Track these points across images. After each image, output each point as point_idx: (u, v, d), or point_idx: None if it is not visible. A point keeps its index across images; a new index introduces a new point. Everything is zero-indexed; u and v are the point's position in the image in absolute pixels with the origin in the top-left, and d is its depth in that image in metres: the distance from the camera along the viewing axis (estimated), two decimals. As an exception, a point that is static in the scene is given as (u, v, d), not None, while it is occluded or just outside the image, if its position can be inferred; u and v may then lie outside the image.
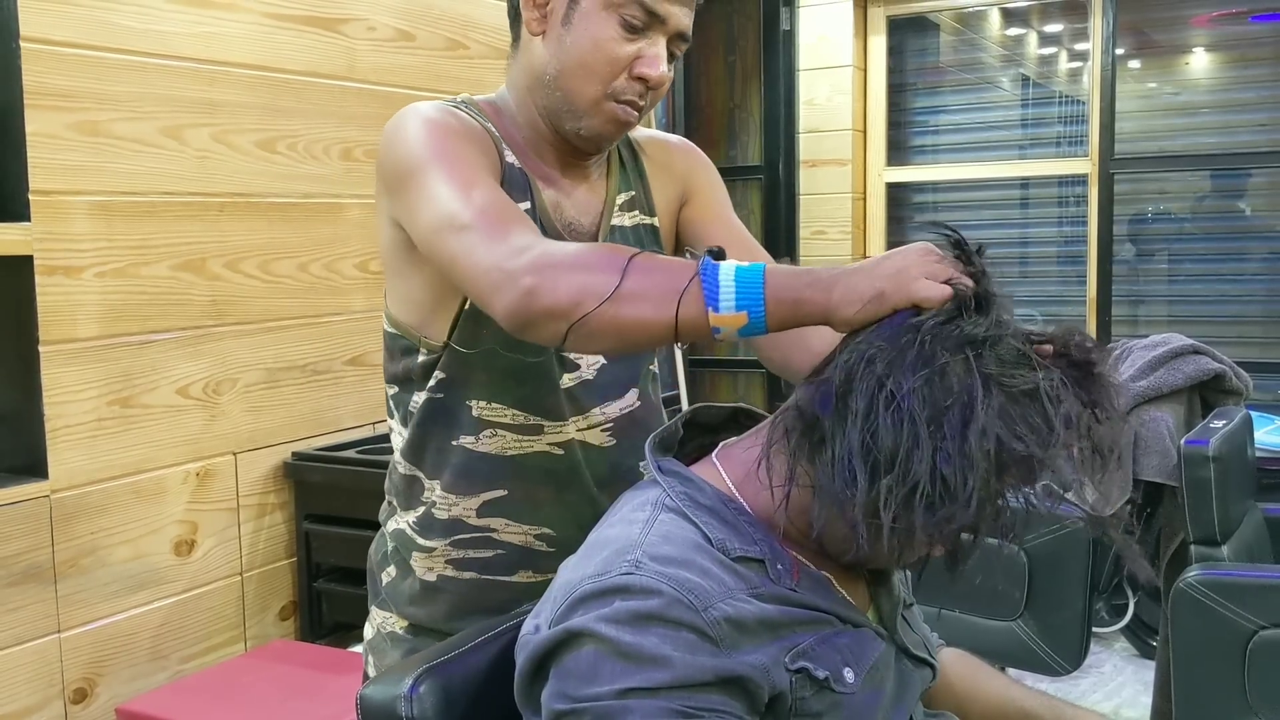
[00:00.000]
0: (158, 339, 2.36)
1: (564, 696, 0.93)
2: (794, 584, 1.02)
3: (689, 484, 1.07)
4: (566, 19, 1.28)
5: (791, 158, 4.75)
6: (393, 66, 2.87)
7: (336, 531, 2.62)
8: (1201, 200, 4.56)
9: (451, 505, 1.34)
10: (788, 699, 0.97)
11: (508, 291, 1.10)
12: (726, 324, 1.04)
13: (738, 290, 1.04)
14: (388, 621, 1.43)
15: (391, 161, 1.27)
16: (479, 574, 1.36)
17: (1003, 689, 1.28)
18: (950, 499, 0.92)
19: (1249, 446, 2.77)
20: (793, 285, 1.03)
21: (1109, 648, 3.71)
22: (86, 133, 2.22)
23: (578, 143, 1.33)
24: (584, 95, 1.28)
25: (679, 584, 0.95)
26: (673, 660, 0.92)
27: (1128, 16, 4.46)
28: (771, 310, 1.04)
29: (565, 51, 1.28)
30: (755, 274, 1.04)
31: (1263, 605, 2.19)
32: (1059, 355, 0.98)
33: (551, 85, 1.30)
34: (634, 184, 1.44)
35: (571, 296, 1.07)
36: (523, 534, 1.35)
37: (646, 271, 1.07)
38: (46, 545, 2.17)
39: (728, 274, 1.04)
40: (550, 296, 1.08)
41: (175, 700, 2.27)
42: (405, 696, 1.01)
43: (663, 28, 1.27)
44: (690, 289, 1.05)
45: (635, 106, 1.29)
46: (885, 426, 0.94)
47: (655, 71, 1.27)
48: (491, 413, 1.33)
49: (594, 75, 1.27)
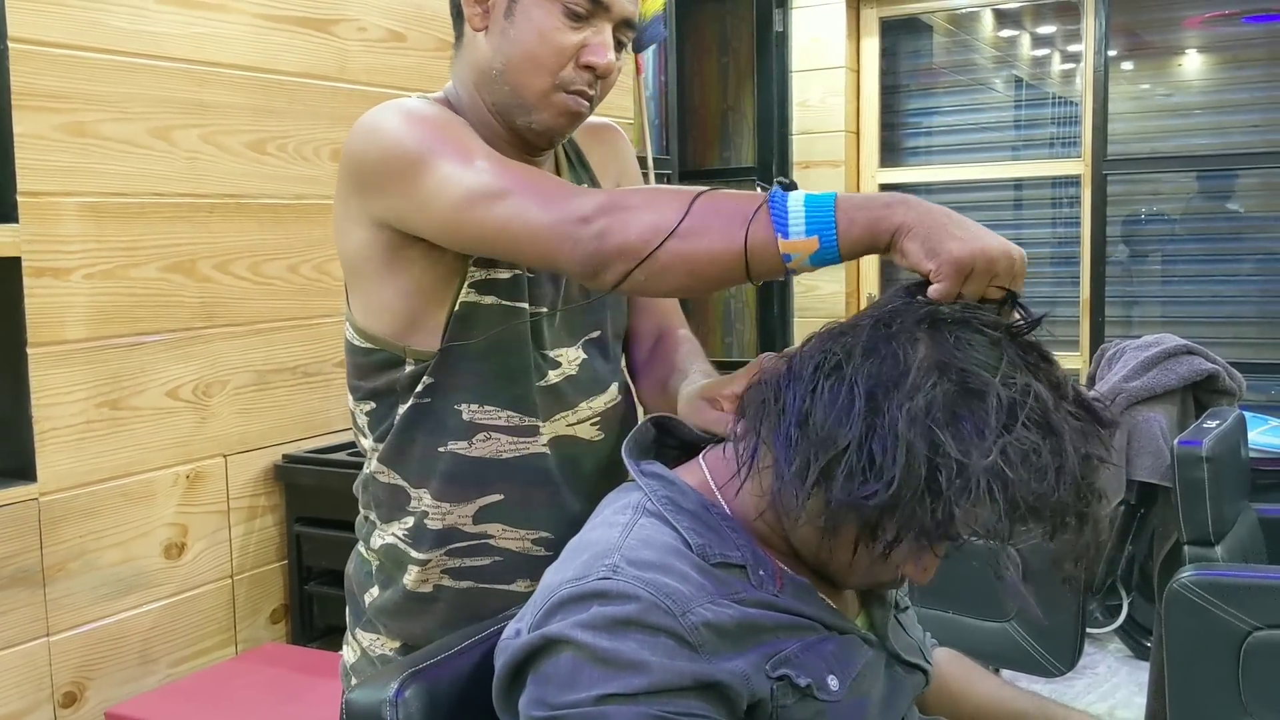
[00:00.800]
0: (147, 341, 2.35)
1: (542, 704, 0.93)
2: (777, 590, 1.01)
3: (671, 487, 1.06)
4: (509, 12, 1.26)
5: (785, 159, 4.75)
6: (384, 67, 2.86)
7: (328, 534, 2.61)
8: (1194, 201, 4.56)
9: (445, 514, 1.31)
10: (768, 706, 0.96)
11: (580, 239, 1.10)
12: (798, 249, 1.02)
13: (808, 215, 1.01)
14: (376, 644, 1.40)
15: (377, 157, 1.24)
16: (476, 582, 1.33)
17: (994, 690, 1.28)
18: (873, 476, 0.89)
19: (1242, 447, 2.76)
20: (869, 207, 1.01)
21: (1103, 649, 3.71)
22: (75, 134, 2.21)
23: (530, 137, 1.31)
24: (532, 88, 1.26)
25: (656, 589, 0.94)
26: (650, 665, 0.91)
27: (1120, 18, 4.47)
28: (844, 232, 1.00)
29: (510, 45, 1.26)
30: (827, 199, 1.01)
31: (1257, 606, 2.19)
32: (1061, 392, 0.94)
33: (499, 80, 1.28)
34: (582, 176, 1.44)
35: (641, 234, 1.07)
36: (520, 538, 1.33)
37: (714, 204, 1.06)
38: (35, 548, 2.15)
39: (797, 200, 1.02)
40: (621, 235, 1.08)
41: (166, 704, 2.26)
42: (390, 701, 1.00)
43: (607, 15, 1.26)
44: (759, 216, 1.03)
45: (585, 96, 1.28)
46: (823, 392, 0.93)
47: (602, 59, 1.25)
48: (484, 415, 1.30)
49: (540, 67, 1.25)
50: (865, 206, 1.01)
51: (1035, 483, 0.88)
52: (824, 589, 1.06)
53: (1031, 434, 0.89)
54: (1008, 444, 0.88)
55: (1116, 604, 3.58)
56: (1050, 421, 0.90)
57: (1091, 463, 0.92)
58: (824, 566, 1.05)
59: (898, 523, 0.90)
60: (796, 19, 4.69)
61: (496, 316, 1.28)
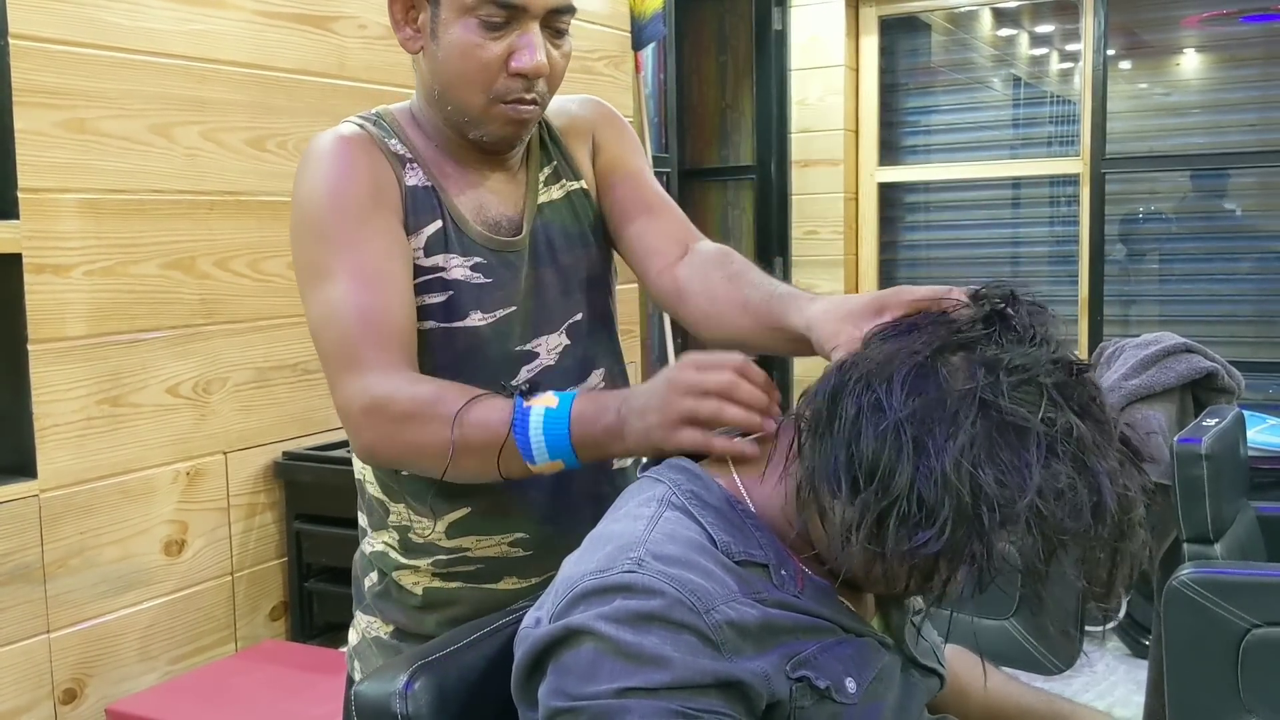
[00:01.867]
0: (147, 338, 2.35)
1: (562, 694, 0.92)
2: (798, 591, 1.01)
3: (696, 481, 1.05)
4: (434, 34, 1.27)
5: (783, 158, 4.76)
6: (383, 65, 2.86)
7: (327, 531, 2.61)
8: (1192, 200, 4.57)
9: (425, 529, 1.34)
10: (786, 707, 0.96)
11: (354, 437, 1.22)
12: (546, 470, 1.16)
13: (548, 444, 1.13)
14: (372, 626, 1.42)
15: (296, 209, 1.30)
16: (465, 583, 1.36)
17: (1001, 686, 1.27)
18: (927, 523, 0.87)
19: (1241, 445, 2.77)
20: (593, 433, 1.12)
21: (1102, 647, 3.71)
22: (75, 130, 2.21)
23: (487, 148, 1.33)
24: (470, 104, 1.28)
25: (681, 585, 0.93)
26: (673, 661, 0.90)
27: (1119, 17, 4.47)
28: (581, 455, 1.14)
29: (440, 66, 1.27)
30: (561, 424, 1.12)
31: (1255, 604, 2.19)
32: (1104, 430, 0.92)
33: (441, 100, 1.30)
34: (554, 154, 1.43)
35: (406, 457, 1.22)
36: (496, 544, 1.34)
37: (469, 428, 1.15)
38: (35, 545, 2.15)
39: (537, 427, 1.13)
40: (386, 454, 1.22)
41: (165, 701, 2.26)
42: (400, 693, 1.00)
43: (527, 14, 1.24)
44: (507, 447, 1.14)
45: (525, 102, 1.27)
46: (869, 436, 0.90)
47: (529, 63, 1.24)
48: None
49: (471, 83, 1.26)
50: (591, 434, 1.13)
51: (1070, 520, 0.88)
52: (843, 591, 1.05)
53: (1067, 469, 0.89)
54: (1044, 480, 0.88)
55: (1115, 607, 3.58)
56: (1087, 460, 0.90)
57: (1129, 500, 0.92)
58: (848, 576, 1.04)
59: (949, 563, 0.90)
60: (795, 17, 4.69)
61: (440, 339, 1.30)
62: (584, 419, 1.12)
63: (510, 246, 1.35)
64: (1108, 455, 0.91)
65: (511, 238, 1.35)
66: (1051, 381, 0.92)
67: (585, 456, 1.14)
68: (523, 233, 1.36)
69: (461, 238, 1.32)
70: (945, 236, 4.97)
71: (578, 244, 1.41)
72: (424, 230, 1.30)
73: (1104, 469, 0.90)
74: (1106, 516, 0.90)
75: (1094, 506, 0.89)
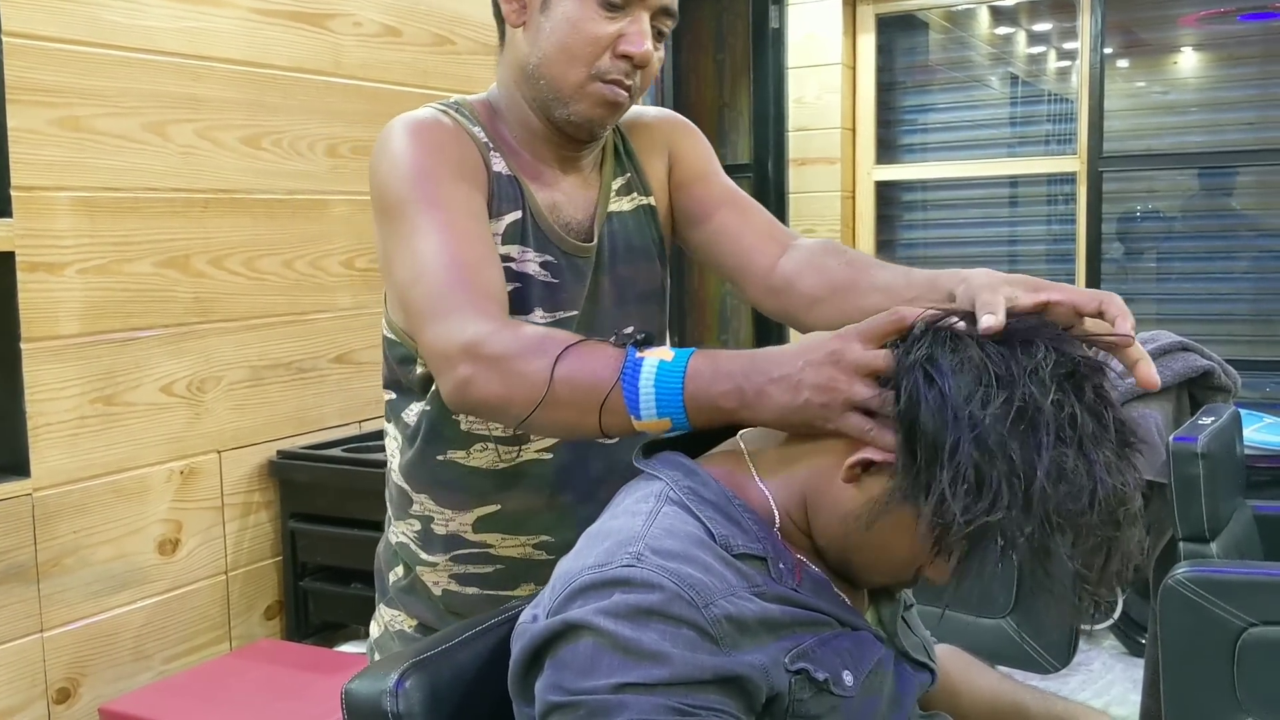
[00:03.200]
0: (141, 336, 2.34)
1: (559, 689, 0.92)
2: (796, 584, 1.01)
3: (693, 476, 1.05)
4: (544, 6, 1.27)
5: (781, 156, 4.75)
6: (379, 62, 2.85)
7: (322, 530, 2.60)
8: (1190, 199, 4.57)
9: (448, 520, 1.34)
10: (785, 700, 0.96)
11: (446, 378, 1.14)
12: (651, 428, 1.07)
13: (658, 399, 1.05)
14: (396, 619, 1.42)
15: (376, 187, 1.27)
16: (480, 589, 1.35)
17: (995, 683, 1.27)
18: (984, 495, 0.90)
19: (1238, 444, 2.76)
20: (710, 394, 1.04)
21: (1097, 645, 3.71)
22: (69, 128, 2.20)
23: (571, 131, 1.31)
24: (568, 79, 1.27)
25: (681, 579, 0.93)
26: (672, 657, 0.90)
27: (1116, 15, 4.46)
28: (693, 417, 1.05)
29: (546, 38, 1.27)
30: (675, 378, 1.04)
31: (1252, 602, 2.19)
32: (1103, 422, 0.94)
33: (535, 74, 1.29)
34: (627, 166, 1.43)
35: (502, 395, 1.10)
36: (520, 545, 1.34)
37: (573, 372, 1.08)
38: (29, 544, 2.15)
39: (648, 380, 1.05)
40: (483, 390, 1.11)
41: (159, 700, 2.25)
42: (391, 691, 0.99)
43: (643, 4, 1.26)
44: (612, 396, 1.06)
45: (623, 86, 1.28)
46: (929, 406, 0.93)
47: (639, 48, 1.25)
48: (481, 425, 1.31)
49: (576, 57, 1.26)
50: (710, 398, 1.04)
51: (1070, 503, 0.90)
52: (840, 585, 1.06)
53: (1072, 453, 0.91)
54: (1051, 462, 0.90)
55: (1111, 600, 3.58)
56: (1085, 448, 0.92)
57: (1124, 492, 0.93)
58: (847, 564, 1.05)
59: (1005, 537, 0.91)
60: (792, 15, 4.68)
61: None
62: (700, 377, 1.04)
63: (581, 251, 1.35)
64: (1104, 446, 0.93)
65: (583, 242, 1.36)
66: (1064, 371, 0.94)
67: (698, 419, 1.05)
68: (593, 239, 1.36)
69: (538, 233, 1.32)
70: (942, 235, 4.96)
71: (640, 258, 1.42)
72: (504, 218, 1.30)
73: (1100, 459, 0.92)
74: (1100, 504, 0.91)
75: (1090, 493, 0.91)
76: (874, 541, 1.00)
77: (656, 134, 1.47)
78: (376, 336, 1.41)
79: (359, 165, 2.81)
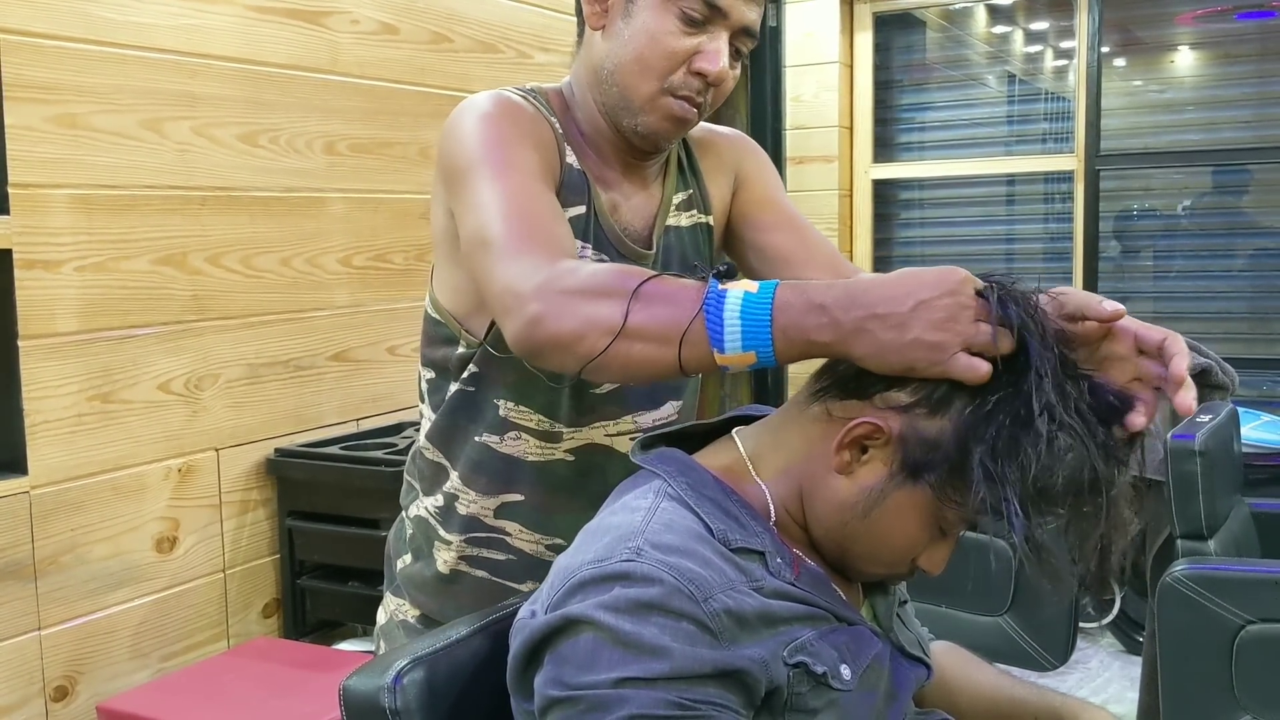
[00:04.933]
0: (138, 334, 2.34)
1: (559, 683, 0.92)
2: (794, 578, 1.01)
3: (690, 473, 1.06)
4: (626, 12, 1.26)
5: (778, 154, 4.75)
6: (376, 60, 2.85)
7: (319, 528, 2.60)
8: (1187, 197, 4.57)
9: (471, 501, 1.35)
10: (784, 693, 0.96)
11: (516, 317, 1.08)
12: (734, 363, 1.00)
13: (744, 330, 0.99)
14: (401, 609, 1.43)
15: (448, 155, 1.26)
16: (490, 575, 1.36)
17: (993, 679, 1.27)
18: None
19: (1235, 441, 2.77)
20: (802, 326, 0.97)
21: (1095, 643, 3.72)
22: (66, 125, 2.20)
23: (636, 141, 1.31)
24: (640, 90, 1.26)
25: (680, 574, 0.93)
26: (672, 651, 0.90)
27: (1113, 14, 4.47)
28: (781, 350, 0.99)
29: (623, 45, 1.26)
30: (763, 309, 0.98)
31: (1250, 600, 2.19)
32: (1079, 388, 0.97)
33: (609, 80, 1.28)
34: (690, 183, 1.43)
35: (575, 329, 1.04)
36: (535, 542, 1.35)
37: (652, 303, 1.03)
38: (26, 542, 2.14)
39: (733, 310, 0.99)
40: (555, 325, 1.05)
41: (157, 698, 2.25)
42: (388, 687, 1.00)
43: (725, 22, 1.25)
44: (694, 328, 1.00)
45: (693, 103, 1.26)
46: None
47: (714, 66, 1.24)
48: (518, 414, 1.32)
49: (650, 69, 1.25)
50: (802, 330, 0.98)
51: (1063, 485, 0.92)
52: (836, 580, 1.07)
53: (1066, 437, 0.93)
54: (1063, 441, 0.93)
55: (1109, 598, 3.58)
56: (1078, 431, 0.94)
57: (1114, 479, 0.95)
58: (844, 556, 1.05)
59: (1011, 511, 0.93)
60: (790, 14, 4.68)
61: None
62: (790, 309, 0.98)
63: (639, 258, 1.34)
64: (1096, 433, 0.95)
65: (642, 249, 1.35)
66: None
67: (787, 353, 0.98)
68: (652, 248, 1.36)
69: (599, 232, 1.31)
70: (939, 233, 4.96)
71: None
72: (569, 210, 1.29)
73: (1094, 445, 0.94)
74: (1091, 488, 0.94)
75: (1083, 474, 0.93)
76: (871, 530, 1.01)
77: (725, 154, 1.46)
78: (375, 334, 1.42)
79: (356, 163, 2.80)
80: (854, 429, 1.00)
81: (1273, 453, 3.37)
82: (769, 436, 1.10)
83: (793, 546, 1.05)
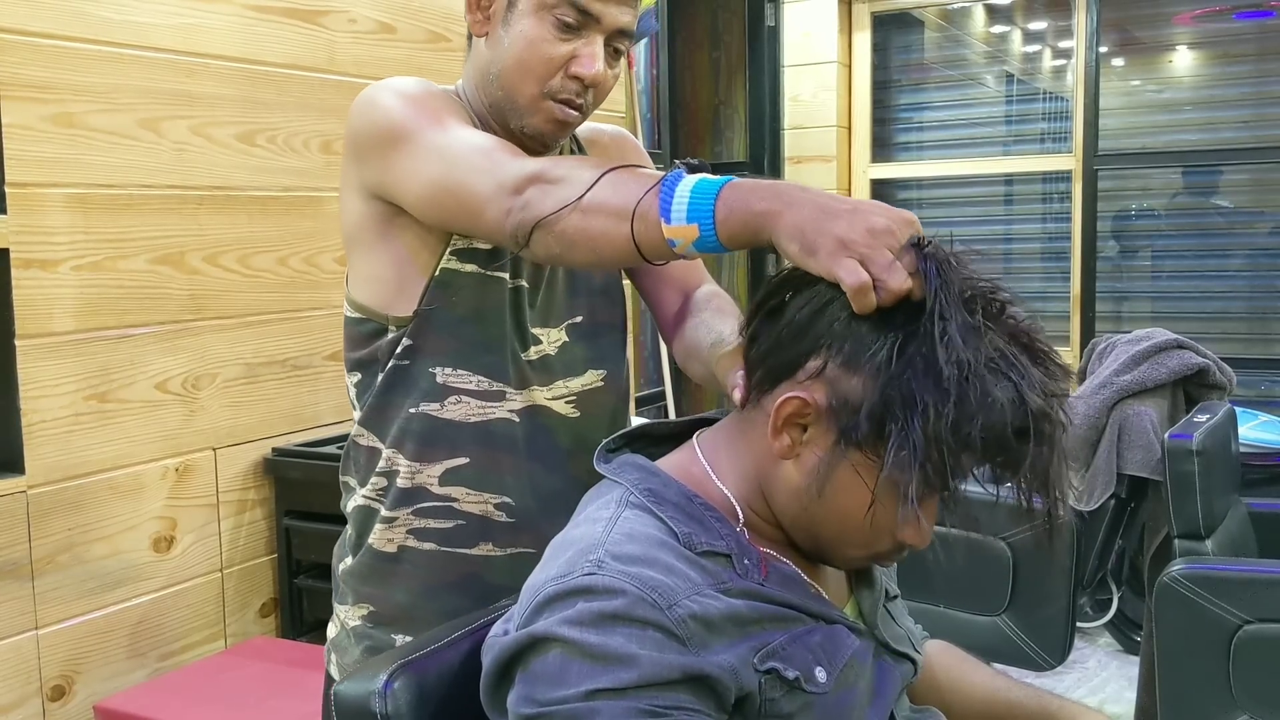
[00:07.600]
0: (136, 333, 2.34)
1: (531, 701, 0.92)
2: (762, 579, 1.01)
3: (652, 478, 1.06)
4: (506, 20, 1.31)
5: (776, 154, 4.75)
6: (373, 59, 2.85)
7: (317, 528, 2.60)
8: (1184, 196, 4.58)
9: (415, 473, 1.35)
10: (756, 699, 0.96)
11: (510, 210, 1.14)
12: (680, 236, 1.03)
13: (690, 202, 1.02)
14: (350, 616, 1.44)
15: (370, 128, 1.29)
16: (439, 545, 1.36)
17: (988, 680, 1.27)
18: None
19: (1233, 441, 2.77)
20: (747, 198, 1.00)
21: (1093, 643, 3.72)
22: (63, 125, 2.20)
23: (524, 141, 1.34)
24: (522, 94, 1.31)
25: (642, 583, 0.93)
26: (639, 659, 0.90)
27: (1111, 14, 4.47)
28: (721, 222, 1.01)
29: (504, 52, 1.31)
30: (712, 187, 1.02)
31: (1247, 599, 2.19)
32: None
33: (494, 84, 1.33)
34: None
35: (553, 206, 1.11)
36: (483, 503, 1.35)
37: (616, 183, 1.09)
38: (23, 541, 2.14)
39: (686, 185, 1.03)
40: (539, 206, 1.12)
41: (154, 697, 2.25)
42: (379, 693, 1.00)
43: (598, 26, 1.29)
44: (646, 199, 1.05)
45: (573, 105, 1.31)
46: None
47: (590, 70, 1.28)
48: (456, 379, 1.34)
49: (530, 74, 1.30)
50: (745, 201, 1.00)
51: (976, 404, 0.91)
52: (814, 575, 1.06)
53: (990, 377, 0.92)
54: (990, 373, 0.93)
55: (1106, 598, 3.59)
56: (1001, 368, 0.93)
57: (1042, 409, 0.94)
58: (818, 543, 1.04)
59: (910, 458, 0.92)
60: (788, 13, 4.68)
61: (474, 284, 1.33)
62: (739, 188, 1.01)
63: None
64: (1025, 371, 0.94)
65: None
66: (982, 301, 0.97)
67: (725, 223, 1.01)
68: None
69: None
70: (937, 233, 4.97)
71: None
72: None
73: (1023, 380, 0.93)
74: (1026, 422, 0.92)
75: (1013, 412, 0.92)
76: (831, 510, 1.00)
77: (611, 150, 1.52)
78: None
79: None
80: (781, 407, 0.99)
81: (1270, 452, 3.37)
82: (724, 438, 1.10)
83: (766, 547, 1.04)
